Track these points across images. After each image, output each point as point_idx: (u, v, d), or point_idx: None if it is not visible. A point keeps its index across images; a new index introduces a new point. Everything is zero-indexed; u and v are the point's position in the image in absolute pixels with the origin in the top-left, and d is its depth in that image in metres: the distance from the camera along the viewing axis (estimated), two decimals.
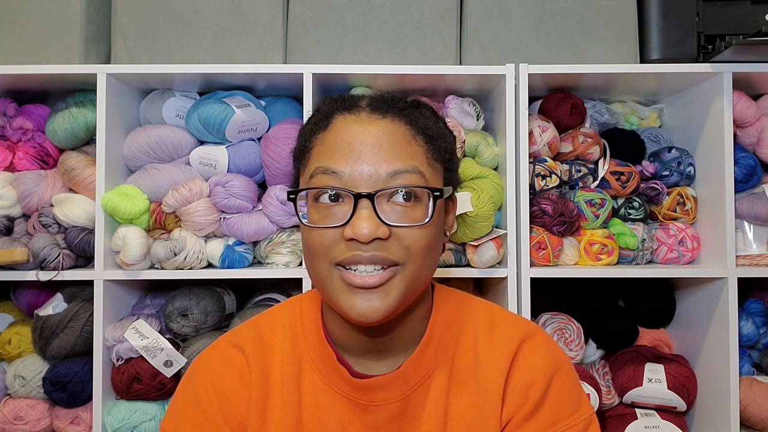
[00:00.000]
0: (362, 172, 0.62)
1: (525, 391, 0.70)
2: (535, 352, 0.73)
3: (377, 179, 0.62)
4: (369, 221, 0.61)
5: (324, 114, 0.68)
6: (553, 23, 1.29)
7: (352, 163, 0.63)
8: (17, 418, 1.26)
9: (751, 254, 1.30)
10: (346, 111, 0.66)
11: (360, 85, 1.32)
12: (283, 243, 1.27)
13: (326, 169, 0.63)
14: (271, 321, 0.77)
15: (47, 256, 1.20)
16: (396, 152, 0.64)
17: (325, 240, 0.63)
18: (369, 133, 0.64)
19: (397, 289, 0.64)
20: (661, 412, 1.29)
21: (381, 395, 0.71)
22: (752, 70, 1.23)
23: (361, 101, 0.68)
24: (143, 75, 1.24)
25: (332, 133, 0.65)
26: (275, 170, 1.25)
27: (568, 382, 0.73)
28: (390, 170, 0.63)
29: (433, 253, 0.67)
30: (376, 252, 0.62)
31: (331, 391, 0.71)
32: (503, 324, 0.75)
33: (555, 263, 1.27)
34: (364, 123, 0.65)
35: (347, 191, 0.62)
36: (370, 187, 0.62)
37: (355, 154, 0.63)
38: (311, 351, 0.73)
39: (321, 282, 0.66)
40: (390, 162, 0.63)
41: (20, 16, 1.28)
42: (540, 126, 1.30)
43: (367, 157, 0.63)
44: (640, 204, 1.35)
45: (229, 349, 0.74)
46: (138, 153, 1.27)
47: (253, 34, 1.28)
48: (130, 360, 1.23)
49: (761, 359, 1.37)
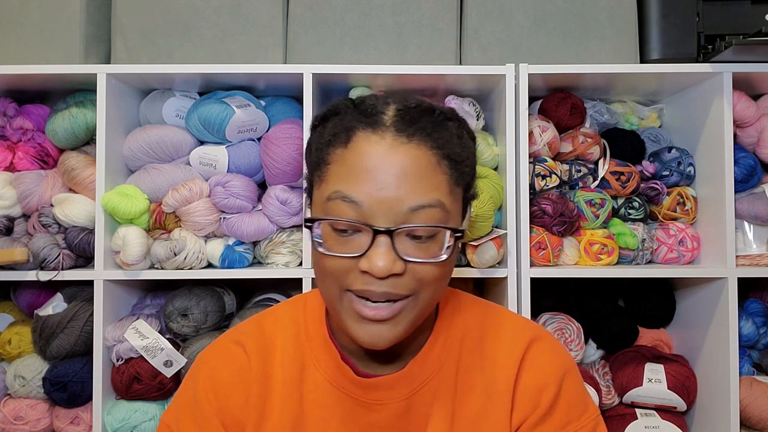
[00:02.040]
0: (383, 204, 0.59)
1: (537, 395, 0.70)
2: (545, 354, 0.73)
3: (398, 213, 0.60)
4: (386, 257, 0.59)
5: (344, 127, 0.63)
6: (553, 23, 1.29)
7: (374, 193, 0.59)
8: (17, 418, 1.26)
9: (751, 254, 1.30)
10: (369, 128, 0.62)
11: (360, 85, 1.32)
12: (283, 243, 1.27)
13: (345, 196, 0.60)
14: (274, 319, 0.77)
15: (47, 256, 1.20)
16: (420, 184, 0.60)
17: (339, 266, 0.62)
18: (393, 161, 0.60)
19: (407, 319, 0.63)
20: (661, 412, 1.29)
21: (385, 394, 0.70)
22: (752, 70, 1.23)
23: (385, 116, 0.62)
24: (143, 75, 1.24)
25: (353, 152, 0.61)
26: (275, 170, 1.25)
27: (577, 384, 0.74)
28: (412, 205, 0.60)
29: (448, 279, 0.67)
30: (388, 289, 0.61)
31: (334, 389, 0.71)
32: (510, 325, 0.76)
33: (555, 263, 1.27)
34: (389, 147, 0.60)
35: (366, 225, 0.60)
36: (390, 221, 0.60)
37: (377, 184, 0.59)
38: (315, 349, 0.73)
39: (331, 303, 0.65)
40: (412, 196, 0.60)
41: (20, 16, 1.28)
42: (540, 126, 1.30)
43: (389, 189, 0.59)
44: (640, 204, 1.35)
45: (231, 346, 0.75)
46: (138, 153, 1.27)
47: (253, 34, 1.28)
48: (130, 360, 1.23)
49: (761, 359, 1.37)
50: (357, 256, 0.60)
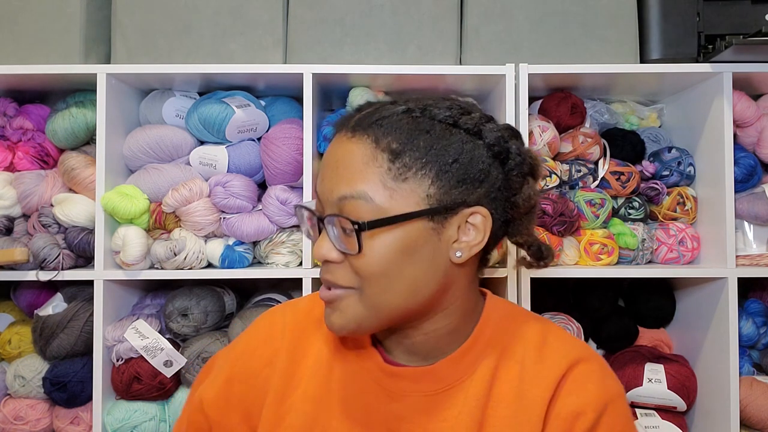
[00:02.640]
0: (323, 194, 0.66)
1: (571, 420, 0.65)
2: (587, 378, 0.67)
3: (331, 203, 0.64)
4: (320, 243, 0.65)
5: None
6: (554, 23, 1.29)
7: (318, 183, 0.67)
8: (17, 418, 1.26)
9: (751, 254, 1.30)
10: (337, 128, 0.69)
11: (360, 85, 1.32)
12: (283, 243, 1.27)
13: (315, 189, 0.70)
14: None
15: (47, 256, 1.20)
16: (348, 175, 0.62)
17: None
18: (333, 155, 0.66)
19: (352, 311, 0.65)
20: (661, 412, 1.29)
21: (409, 386, 0.70)
22: (752, 70, 1.22)
23: (351, 119, 0.67)
24: (143, 75, 1.24)
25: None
26: (275, 170, 1.25)
27: (622, 417, 0.67)
28: (339, 195, 0.63)
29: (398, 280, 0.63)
30: (326, 275, 0.66)
31: (362, 371, 0.73)
32: (557, 342, 0.71)
33: (555, 263, 1.27)
34: (335, 144, 0.67)
35: (306, 208, 0.68)
36: (327, 209, 0.65)
37: (322, 174, 0.67)
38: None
39: None
40: (340, 186, 0.63)
41: (20, 16, 1.27)
42: (540, 126, 1.30)
43: (324, 180, 0.66)
44: (640, 204, 1.35)
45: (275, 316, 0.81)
46: (138, 153, 1.27)
47: (253, 34, 1.28)
48: (130, 360, 1.23)
49: (761, 359, 1.37)
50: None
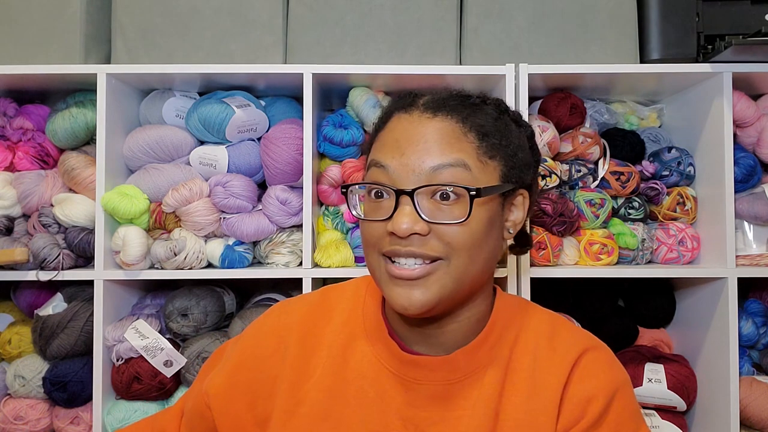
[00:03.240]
0: (406, 167, 0.64)
1: (584, 405, 0.68)
2: (597, 365, 0.71)
3: (420, 174, 0.64)
4: (408, 217, 0.63)
5: (386, 113, 0.71)
6: (553, 23, 1.29)
7: (398, 157, 0.65)
8: (17, 418, 1.26)
9: (751, 254, 1.30)
10: (402, 110, 0.69)
11: (360, 84, 1.32)
12: (282, 243, 1.27)
13: (377, 163, 0.66)
14: (341, 291, 0.82)
15: (47, 256, 1.20)
16: (441, 147, 0.64)
17: (374, 232, 0.67)
18: (418, 131, 0.65)
19: (439, 284, 0.65)
20: (661, 412, 1.29)
21: (425, 374, 0.71)
22: (752, 70, 1.23)
23: (418, 100, 0.69)
24: (143, 75, 1.24)
25: (387, 130, 0.69)
26: (275, 170, 1.25)
27: (630, 403, 0.71)
28: (433, 164, 0.63)
29: (482, 250, 0.67)
30: (413, 248, 0.64)
31: (377, 362, 0.73)
32: (566, 332, 0.75)
33: (555, 263, 1.27)
34: (414, 122, 0.66)
35: (389, 187, 0.65)
36: (412, 183, 0.64)
37: (401, 149, 0.65)
38: (367, 323, 0.76)
39: (372, 271, 0.70)
40: (433, 156, 0.64)
41: (20, 16, 1.28)
42: (540, 126, 1.30)
43: (411, 153, 0.64)
44: (640, 204, 1.35)
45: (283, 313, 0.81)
46: (138, 153, 1.27)
47: (253, 34, 1.28)
48: (130, 360, 1.23)
49: (761, 359, 1.37)
50: (385, 219, 0.65)
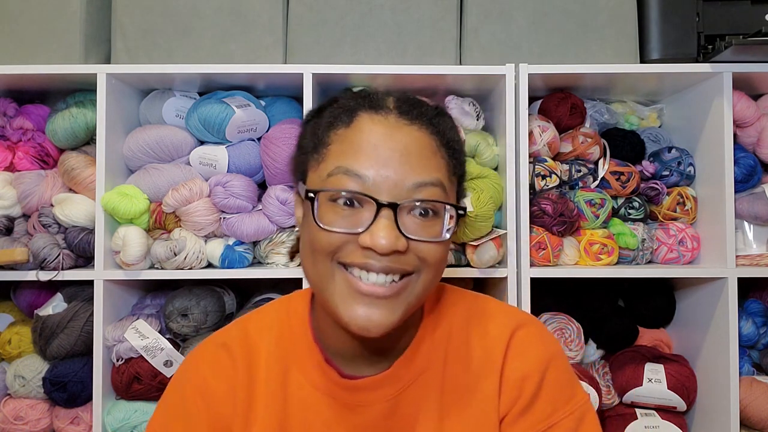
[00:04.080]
0: (387, 179, 0.59)
1: (520, 384, 0.69)
2: (527, 342, 0.71)
3: (401, 189, 0.60)
4: (389, 232, 0.58)
5: (347, 109, 0.64)
6: (553, 23, 1.29)
7: (377, 168, 0.59)
8: (17, 418, 1.26)
9: (751, 254, 1.30)
10: (371, 110, 0.63)
11: (360, 84, 1.32)
12: (282, 243, 1.27)
13: (348, 170, 0.60)
14: (258, 321, 0.76)
15: (47, 256, 1.20)
16: (423, 163, 0.61)
17: (335, 240, 0.60)
18: (397, 139, 0.61)
19: (405, 303, 0.62)
20: (661, 412, 1.29)
21: (370, 395, 0.70)
22: (752, 70, 1.23)
23: (387, 101, 0.65)
24: (143, 75, 1.24)
25: (356, 131, 0.62)
26: (275, 170, 1.25)
27: (563, 371, 0.72)
28: (416, 181, 0.60)
29: (444, 264, 0.66)
30: (389, 263, 0.60)
31: (317, 392, 0.70)
32: (495, 315, 0.74)
33: (555, 263, 1.27)
34: (392, 127, 0.62)
35: (371, 198, 0.59)
36: (393, 197, 0.59)
37: (381, 159, 0.60)
38: (298, 351, 0.72)
39: (319, 281, 0.63)
40: (416, 173, 0.60)
41: (20, 16, 1.28)
42: (540, 126, 1.30)
43: (393, 165, 0.60)
44: (640, 204, 1.35)
45: (218, 350, 0.73)
46: (138, 153, 1.27)
47: (253, 34, 1.28)
48: (130, 360, 1.23)
49: (761, 359, 1.37)
50: (359, 232, 0.59)
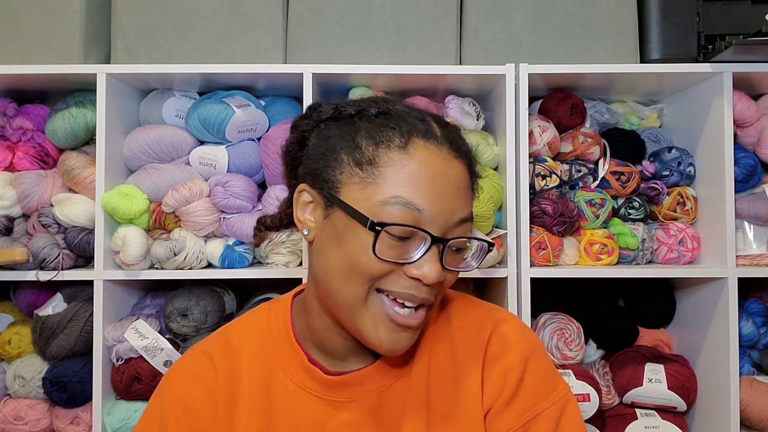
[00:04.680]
0: (441, 214, 0.62)
1: (502, 378, 0.71)
2: (508, 337, 0.74)
3: (449, 224, 0.63)
4: (437, 265, 0.62)
5: (401, 132, 0.63)
6: (553, 23, 1.29)
7: (434, 202, 0.61)
8: (17, 418, 1.26)
9: (751, 254, 1.30)
10: (424, 138, 0.63)
11: (360, 84, 1.32)
12: (283, 243, 1.27)
13: (408, 203, 0.60)
14: (239, 330, 0.77)
15: (47, 256, 1.20)
16: (466, 199, 0.65)
17: (376, 265, 0.62)
18: (450, 174, 0.63)
19: (420, 326, 0.67)
20: (661, 412, 1.29)
21: (357, 390, 0.71)
22: (752, 70, 1.22)
23: (434, 128, 0.65)
24: (143, 75, 1.24)
25: (415, 161, 0.62)
26: (275, 170, 1.25)
27: (543, 364, 0.74)
28: (460, 217, 0.64)
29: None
30: (427, 295, 0.64)
31: (303, 392, 0.71)
32: (475, 313, 0.77)
33: (555, 263, 1.27)
34: (446, 160, 0.64)
35: (427, 232, 0.61)
36: (442, 231, 0.62)
37: (438, 193, 0.62)
38: (280, 355, 0.73)
39: (348, 301, 0.64)
40: (462, 209, 0.64)
41: (20, 16, 1.27)
42: (540, 126, 1.30)
43: (447, 200, 0.62)
44: (640, 204, 1.35)
45: (199, 358, 0.75)
46: (138, 153, 1.27)
47: (253, 34, 1.28)
48: (130, 360, 1.23)
49: (761, 359, 1.37)
50: (409, 263, 0.62)
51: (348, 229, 0.63)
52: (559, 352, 1.28)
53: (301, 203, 0.69)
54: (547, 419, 0.70)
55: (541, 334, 1.29)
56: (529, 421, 0.70)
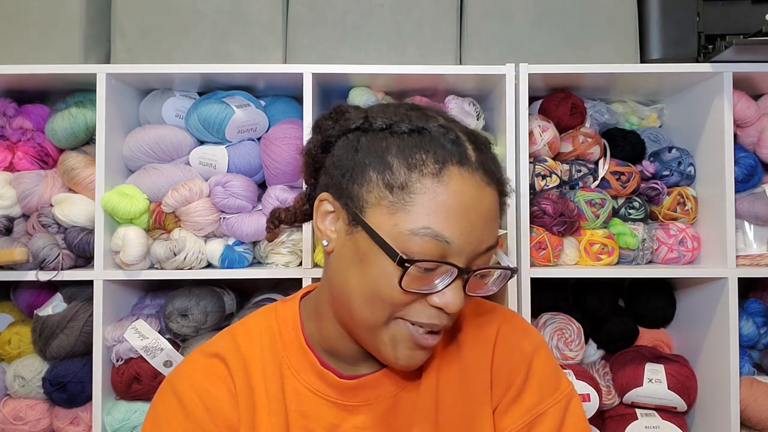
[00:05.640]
0: (470, 245, 0.60)
1: (509, 376, 0.73)
2: (513, 335, 0.75)
3: (477, 253, 0.61)
4: (461, 295, 0.61)
5: (436, 158, 0.60)
6: (553, 23, 1.29)
7: (465, 234, 0.59)
8: (17, 418, 1.25)
9: (751, 254, 1.30)
10: (458, 164, 0.60)
11: (360, 84, 1.32)
12: (282, 243, 1.27)
13: (438, 235, 0.58)
14: (246, 331, 0.74)
15: (47, 256, 1.20)
16: (494, 228, 0.64)
17: (401, 297, 0.61)
18: (482, 204, 0.61)
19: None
20: (661, 412, 1.29)
21: (370, 394, 0.71)
22: (752, 70, 1.22)
23: (468, 152, 0.62)
24: (143, 75, 1.24)
25: (448, 190, 0.59)
26: (275, 170, 1.25)
27: (547, 362, 0.75)
28: (488, 245, 0.63)
29: None
30: (448, 324, 0.64)
31: (315, 397, 0.70)
32: (480, 312, 0.77)
33: (555, 263, 1.27)
34: (480, 189, 0.61)
35: (453, 265, 0.60)
36: (468, 262, 0.61)
37: (470, 225, 0.60)
38: (291, 358, 0.72)
39: (370, 326, 0.63)
40: (490, 238, 0.63)
41: (20, 16, 1.27)
42: (540, 126, 1.30)
43: (478, 231, 0.60)
44: (640, 204, 1.34)
45: (210, 360, 0.71)
46: (138, 153, 1.27)
47: (253, 34, 1.28)
48: (129, 360, 1.23)
49: (761, 359, 1.37)
50: (433, 293, 0.61)
51: (372, 253, 0.61)
52: (559, 352, 1.28)
53: (322, 212, 0.66)
54: (552, 417, 0.71)
55: (541, 334, 1.29)
56: (535, 419, 0.71)
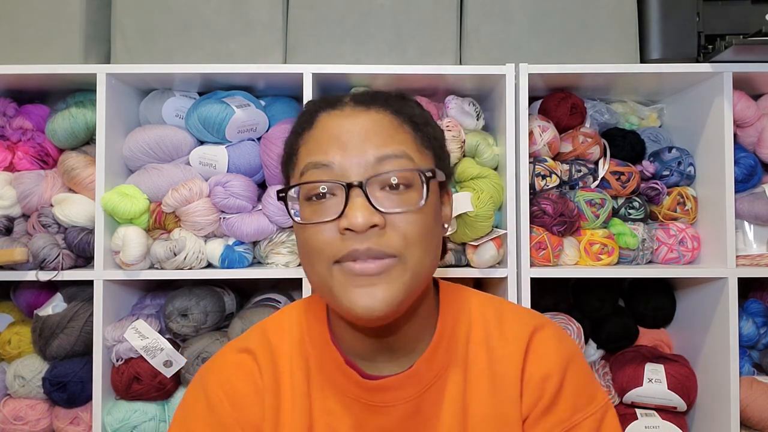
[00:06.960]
0: (351, 160, 0.62)
1: (541, 385, 0.70)
2: (547, 344, 0.72)
3: (367, 166, 0.62)
4: (363, 210, 0.60)
5: (308, 114, 0.68)
6: (553, 23, 1.29)
7: (340, 153, 0.62)
8: (17, 418, 1.26)
9: (751, 254, 1.30)
10: (329, 108, 0.67)
11: (360, 85, 1.32)
12: (283, 243, 1.27)
13: (316, 163, 0.63)
14: (277, 325, 0.75)
15: (47, 256, 1.20)
16: (383, 138, 0.64)
17: (322, 237, 0.62)
18: (355, 122, 0.64)
19: (400, 281, 0.61)
20: (661, 412, 1.29)
21: (393, 395, 0.69)
22: (752, 70, 1.23)
23: (344, 98, 0.68)
24: (143, 75, 1.24)
25: (318, 129, 0.66)
26: (275, 170, 1.25)
27: (582, 372, 0.72)
28: (378, 155, 0.62)
29: (432, 243, 0.66)
30: (372, 245, 0.60)
31: (340, 395, 0.70)
32: (512, 317, 0.75)
33: (555, 263, 1.27)
34: (349, 116, 0.65)
35: (337, 182, 0.61)
36: (360, 176, 0.62)
37: (342, 144, 0.63)
38: (317, 355, 0.72)
39: (321, 282, 0.64)
40: (378, 147, 0.63)
41: (20, 16, 1.27)
42: (540, 126, 1.30)
43: (355, 146, 0.63)
44: (640, 204, 1.35)
45: (240, 355, 0.73)
46: (138, 153, 1.27)
47: (253, 34, 1.28)
48: (129, 360, 1.23)
49: (761, 359, 1.37)
50: (336, 218, 0.61)
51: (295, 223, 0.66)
52: None
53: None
54: (586, 430, 0.69)
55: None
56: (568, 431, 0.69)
